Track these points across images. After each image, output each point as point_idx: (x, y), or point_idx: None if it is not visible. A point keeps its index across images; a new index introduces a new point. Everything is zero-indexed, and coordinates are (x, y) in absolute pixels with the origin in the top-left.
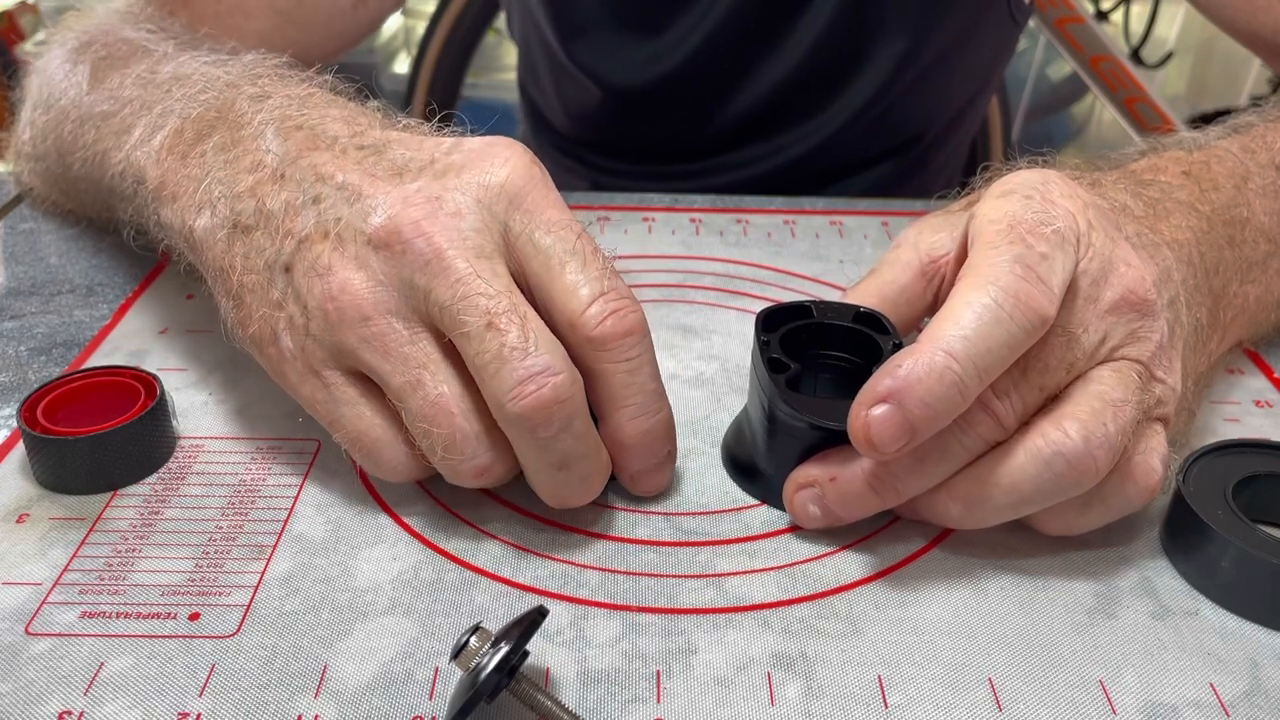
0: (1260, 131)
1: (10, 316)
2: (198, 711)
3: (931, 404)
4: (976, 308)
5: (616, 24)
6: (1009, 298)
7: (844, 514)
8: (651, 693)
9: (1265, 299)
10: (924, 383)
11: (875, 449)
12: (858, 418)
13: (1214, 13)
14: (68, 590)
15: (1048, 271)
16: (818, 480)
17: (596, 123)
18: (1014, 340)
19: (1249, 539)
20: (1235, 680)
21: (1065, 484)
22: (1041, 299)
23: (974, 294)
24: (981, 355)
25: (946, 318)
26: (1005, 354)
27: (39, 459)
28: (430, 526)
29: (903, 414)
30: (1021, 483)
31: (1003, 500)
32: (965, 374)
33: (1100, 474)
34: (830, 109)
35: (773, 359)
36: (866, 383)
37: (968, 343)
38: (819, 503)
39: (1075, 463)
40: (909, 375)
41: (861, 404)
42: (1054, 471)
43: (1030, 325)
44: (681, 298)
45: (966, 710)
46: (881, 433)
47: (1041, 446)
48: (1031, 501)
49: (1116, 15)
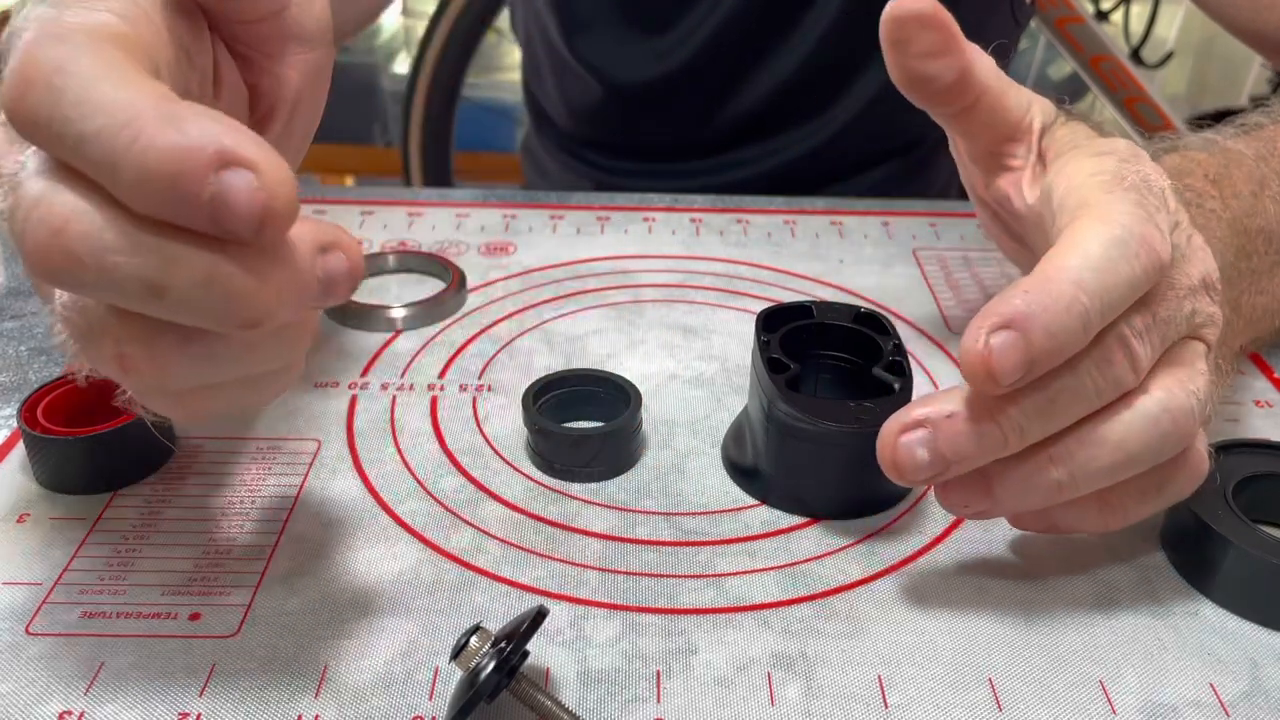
0: (1271, 134)
1: (10, 316)
2: (198, 711)
3: (1057, 335)
4: (1104, 242)
5: (621, 21)
6: (1134, 236)
7: (958, 457)
8: (651, 693)
9: (1270, 308)
10: (1051, 311)
11: (993, 378)
12: (975, 342)
13: (1217, 12)
14: (68, 590)
15: (1161, 220)
16: (930, 419)
17: (599, 121)
18: (1136, 281)
19: (1249, 539)
20: (1235, 680)
21: (1168, 442)
22: (1160, 243)
23: (1099, 230)
24: (1109, 290)
25: (1071, 249)
26: (1128, 293)
27: (39, 459)
28: (430, 526)
29: (1026, 342)
30: (1129, 439)
31: (1108, 459)
32: (1091, 307)
33: (1192, 437)
34: (833, 108)
35: (773, 359)
36: (986, 306)
37: (1097, 275)
38: (929, 445)
39: (1180, 420)
40: (1037, 302)
41: (980, 327)
42: (1160, 429)
43: (1152, 267)
44: (681, 298)
45: (966, 710)
46: (1003, 360)
47: (1149, 403)
48: (1136, 461)
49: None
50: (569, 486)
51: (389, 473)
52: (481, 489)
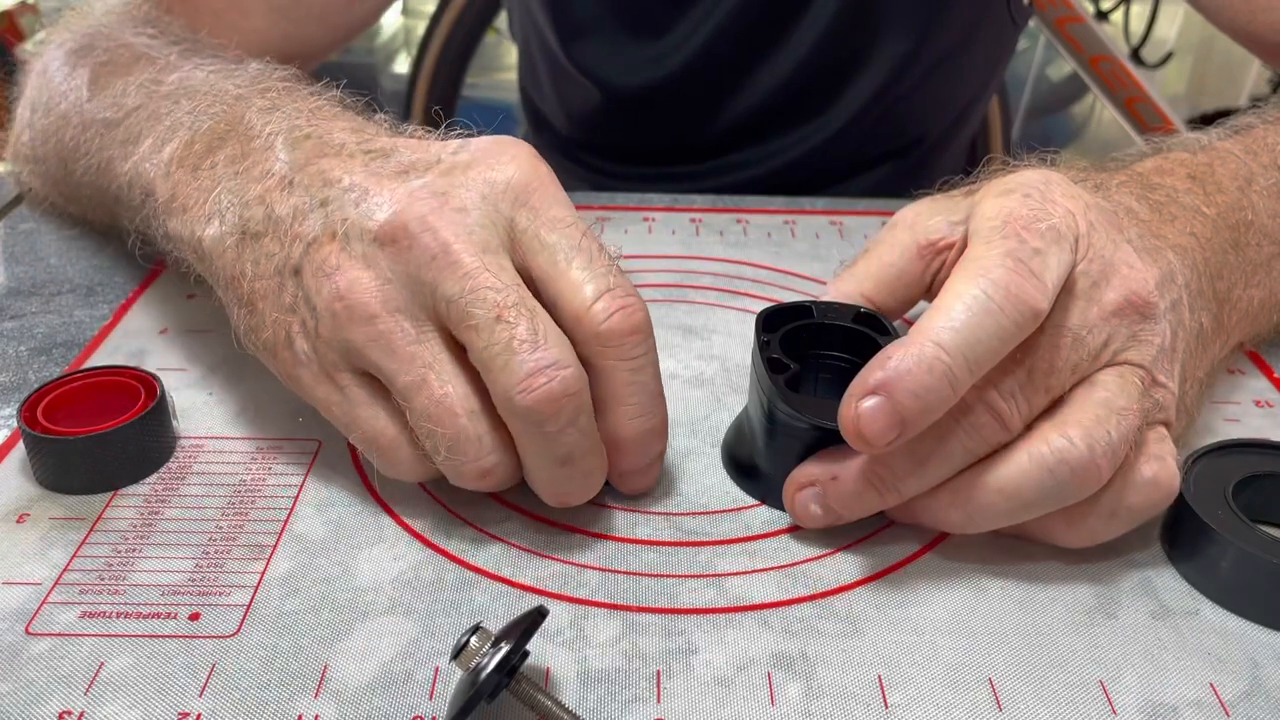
0: (1261, 133)
1: (10, 316)
2: (198, 711)
3: (921, 395)
4: (966, 299)
5: (617, 26)
6: (999, 290)
7: (845, 513)
8: (651, 693)
9: (1268, 301)
10: (913, 374)
11: (866, 442)
12: (848, 410)
13: (1213, 13)
14: (68, 590)
15: (1040, 266)
16: (818, 479)
17: (597, 124)
18: (1004, 333)
19: (1249, 539)
20: (1235, 680)
21: (1067, 491)
22: (1033, 292)
23: (964, 286)
24: (971, 347)
25: (937, 310)
26: (996, 346)
27: (39, 459)
28: (430, 526)
29: (892, 406)
30: (1024, 488)
31: (1003, 505)
32: (955, 365)
33: (1102, 481)
34: (830, 111)
35: (773, 359)
36: (857, 376)
37: (957, 334)
38: (820, 502)
39: (1079, 470)
40: (898, 367)
41: (852, 396)
42: (1057, 478)
43: (1021, 318)
44: (681, 298)
45: (966, 710)
46: (871, 425)
47: (1045, 453)
48: (1031, 507)
49: (1116, 15)
50: None
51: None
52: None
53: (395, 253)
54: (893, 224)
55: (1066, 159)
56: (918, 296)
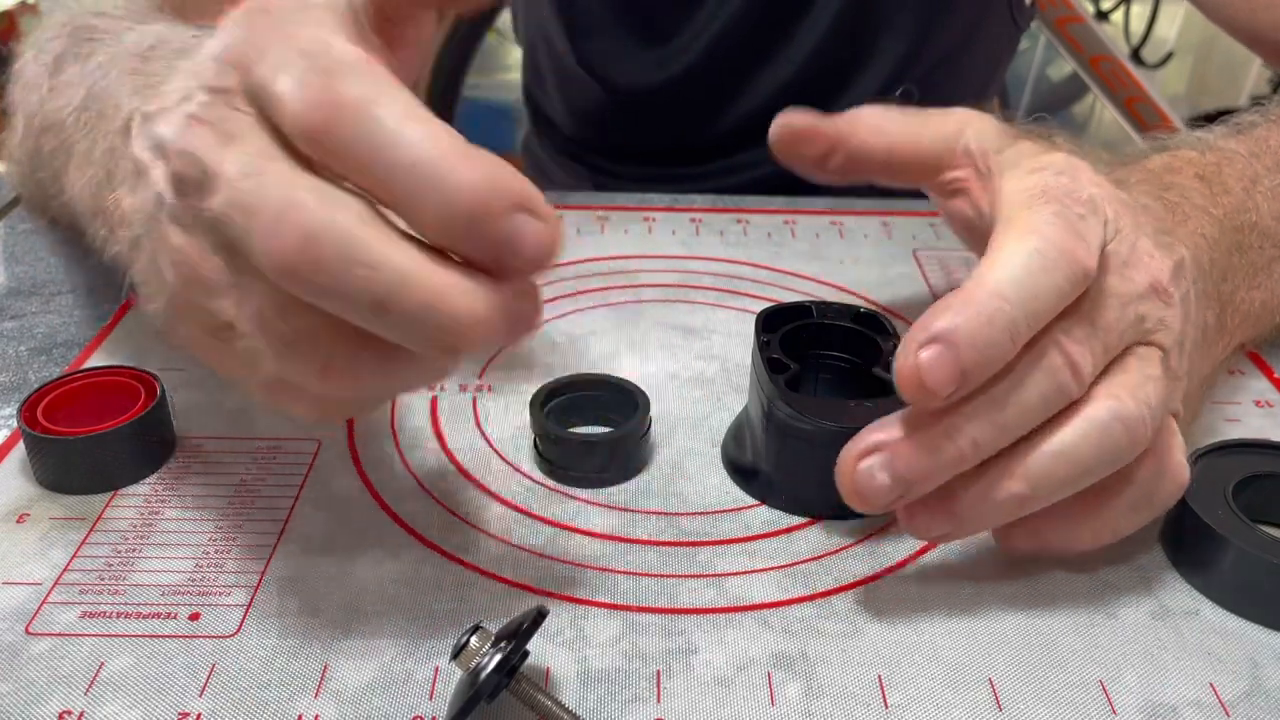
0: (1264, 133)
1: (10, 316)
2: (198, 711)
3: (982, 346)
4: (1024, 254)
5: (625, 29)
6: (1054, 247)
7: (918, 476)
8: (651, 693)
9: (1269, 303)
10: (975, 323)
11: (927, 391)
12: (907, 359)
13: (1214, 12)
14: (68, 590)
15: (1086, 230)
16: (884, 444)
17: (601, 126)
18: (1059, 290)
19: (1249, 539)
20: (1235, 680)
21: (1121, 451)
22: (1083, 252)
23: (1019, 243)
24: (1030, 300)
25: (994, 264)
26: (1053, 302)
27: (39, 459)
28: (430, 526)
29: (955, 354)
30: (1082, 448)
31: (1064, 470)
32: (1016, 317)
33: (1148, 442)
34: (833, 110)
35: (773, 359)
36: (915, 324)
37: (1018, 286)
38: (889, 468)
39: (1132, 428)
40: (961, 316)
41: (911, 345)
42: (1113, 438)
43: (1074, 276)
44: (681, 298)
45: (966, 710)
46: (933, 374)
47: (1099, 412)
48: (1092, 471)
49: (1116, 15)
50: (569, 487)
51: (389, 473)
52: (481, 489)
53: None
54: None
55: (1087, 148)
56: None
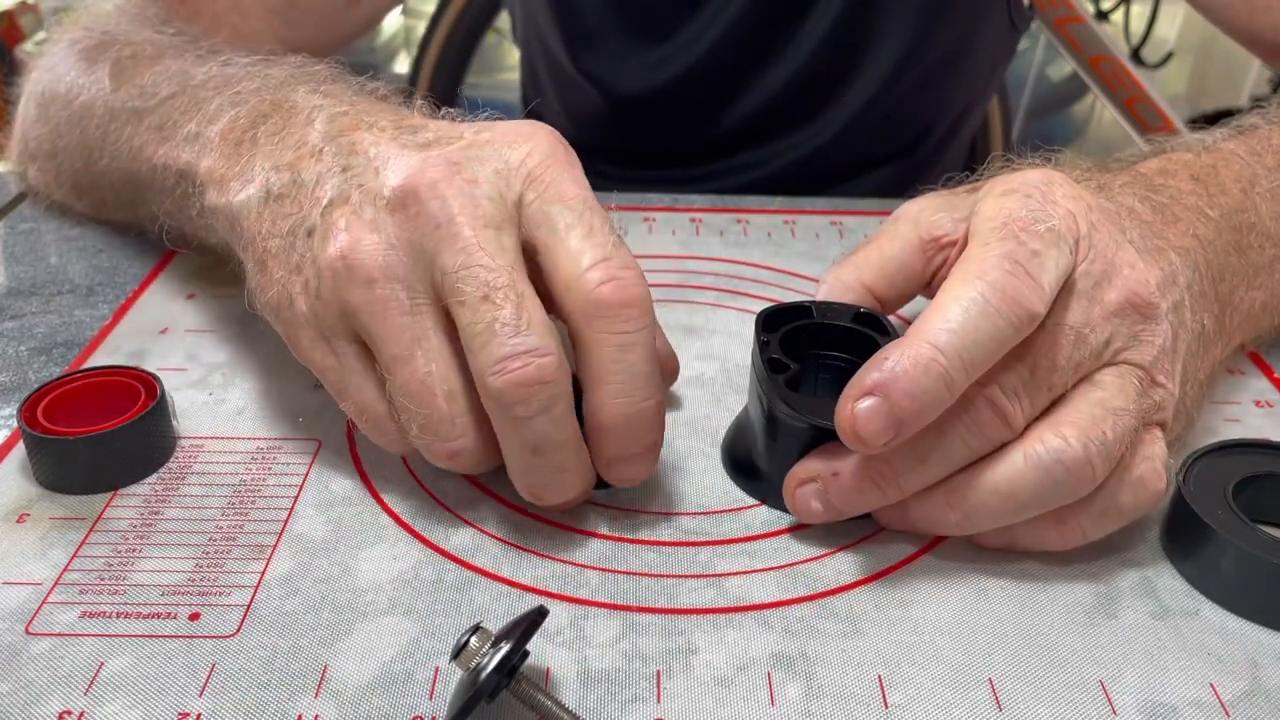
0: (1265, 134)
1: (10, 316)
2: (198, 711)
3: (917, 396)
4: (963, 301)
5: (624, 32)
6: (996, 292)
7: (846, 508)
8: (651, 693)
9: (1270, 304)
10: (910, 375)
11: (862, 442)
12: (844, 411)
13: (1214, 13)
14: (68, 590)
15: (1038, 268)
16: (819, 475)
17: (600, 129)
18: (1001, 335)
19: (1249, 539)
20: (1235, 680)
21: (1062, 491)
22: (1030, 295)
23: (961, 288)
24: (968, 348)
25: (934, 312)
26: (993, 348)
27: (39, 459)
28: (430, 526)
29: (889, 406)
30: (1020, 488)
31: (998, 505)
32: (951, 367)
33: (1096, 482)
34: (831, 113)
35: (772, 359)
36: (854, 377)
37: (954, 335)
38: (821, 497)
39: (1074, 470)
40: (895, 368)
41: (848, 397)
42: (1052, 478)
43: (1018, 320)
44: (681, 298)
45: (966, 710)
46: (868, 426)
47: (1041, 452)
48: (1027, 508)
49: (1116, 15)
50: None
51: (389, 473)
52: (481, 489)
53: (403, 220)
54: (896, 217)
55: (1069, 158)
56: (916, 291)
